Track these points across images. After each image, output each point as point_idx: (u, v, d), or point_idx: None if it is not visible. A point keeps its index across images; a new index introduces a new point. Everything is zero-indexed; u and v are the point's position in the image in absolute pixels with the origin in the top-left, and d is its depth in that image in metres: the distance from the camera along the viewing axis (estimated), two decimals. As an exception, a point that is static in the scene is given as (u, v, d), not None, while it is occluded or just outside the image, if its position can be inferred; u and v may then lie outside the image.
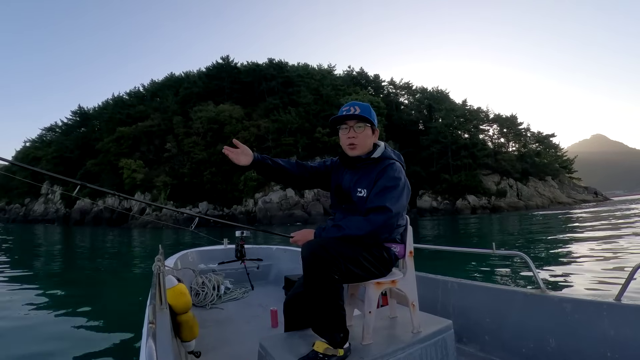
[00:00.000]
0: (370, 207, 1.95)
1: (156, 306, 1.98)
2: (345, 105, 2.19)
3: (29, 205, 69.19)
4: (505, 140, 69.56)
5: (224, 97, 65.86)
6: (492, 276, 7.79)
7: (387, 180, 2.01)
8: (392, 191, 1.97)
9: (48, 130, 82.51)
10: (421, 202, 53.31)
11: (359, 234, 1.89)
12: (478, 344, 2.76)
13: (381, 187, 1.99)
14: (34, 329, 5.26)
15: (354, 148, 2.13)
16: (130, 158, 55.23)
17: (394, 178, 2.02)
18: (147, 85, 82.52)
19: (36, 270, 11.52)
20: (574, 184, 70.05)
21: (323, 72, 74.71)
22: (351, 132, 2.12)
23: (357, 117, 2.11)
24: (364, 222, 1.90)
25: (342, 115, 2.13)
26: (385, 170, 2.05)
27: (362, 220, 1.91)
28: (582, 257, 9.73)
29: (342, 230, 1.91)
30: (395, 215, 1.94)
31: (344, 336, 1.83)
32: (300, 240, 2.03)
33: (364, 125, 2.13)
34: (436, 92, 76.11)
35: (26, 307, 6.46)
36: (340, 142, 2.22)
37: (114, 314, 6.17)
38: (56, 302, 6.99)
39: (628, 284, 2.14)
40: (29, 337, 4.93)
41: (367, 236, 1.90)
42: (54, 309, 6.39)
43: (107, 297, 7.81)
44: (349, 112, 2.12)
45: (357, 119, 2.12)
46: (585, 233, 16.03)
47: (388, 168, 2.06)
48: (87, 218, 53.08)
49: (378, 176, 2.04)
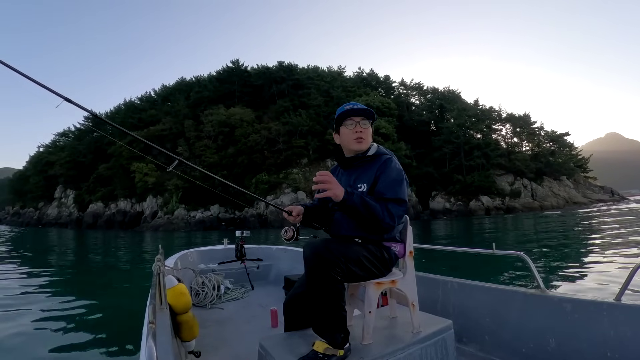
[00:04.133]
0: (387, 197, 1.97)
1: (156, 306, 2.00)
2: (345, 104, 2.24)
3: (42, 209, 70.56)
4: (519, 140, 68.62)
5: (234, 100, 66.32)
6: (492, 276, 7.76)
7: (394, 173, 2.05)
8: (401, 185, 2.03)
9: (61, 135, 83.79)
10: (434, 204, 52.75)
11: (381, 218, 1.91)
12: (478, 344, 2.76)
13: (391, 179, 2.03)
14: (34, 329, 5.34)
15: (361, 142, 2.17)
16: (142, 162, 55.73)
17: (399, 171, 2.07)
18: (158, 89, 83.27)
19: (44, 269, 11.69)
20: (589, 184, 68.89)
21: (333, 74, 74.90)
22: (358, 127, 2.16)
23: (363, 112, 2.17)
24: (385, 211, 1.92)
25: (350, 110, 2.18)
26: (388, 164, 2.09)
27: (384, 208, 1.92)
28: (585, 257, 9.73)
29: (370, 206, 1.89)
30: (407, 207, 2.03)
31: (344, 337, 1.84)
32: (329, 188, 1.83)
33: (368, 122, 2.20)
34: (447, 92, 75.68)
35: (27, 307, 6.56)
36: (341, 140, 2.26)
37: (114, 314, 6.22)
38: (57, 302, 7.08)
39: (628, 284, 2.14)
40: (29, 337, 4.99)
41: (385, 223, 1.93)
42: (55, 308, 6.47)
43: (108, 297, 7.88)
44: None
45: (363, 115, 2.18)
46: (596, 233, 15.86)
47: (389, 162, 2.10)
48: (99, 221, 53.94)
49: (381, 169, 2.07)
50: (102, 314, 6.27)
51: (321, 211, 2.32)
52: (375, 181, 2.05)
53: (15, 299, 7.42)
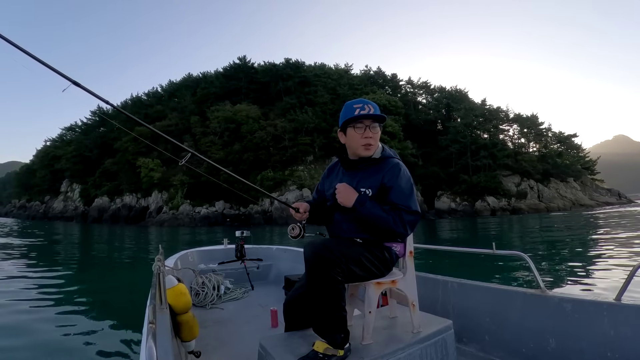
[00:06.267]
0: (403, 207, 1.94)
1: (156, 306, 1.98)
2: (356, 102, 2.13)
3: (48, 203, 71.23)
4: (526, 141, 68.33)
5: (241, 97, 66.51)
6: (492, 276, 7.74)
7: (405, 182, 2.01)
8: (412, 194, 2.00)
9: (68, 129, 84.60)
10: (439, 204, 52.64)
11: (395, 229, 1.92)
12: (478, 344, 2.76)
13: (403, 189, 1.99)
14: (34, 329, 5.33)
15: (369, 148, 2.08)
16: (148, 157, 55.96)
17: (409, 179, 2.03)
18: (165, 85, 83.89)
19: (47, 265, 11.73)
20: (596, 186, 68.38)
21: (340, 71, 74.80)
22: (367, 132, 2.06)
23: (375, 116, 2.07)
24: (399, 220, 1.91)
25: (361, 115, 2.06)
26: (397, 171, 2.02)
27: (398, 218, 1.91)
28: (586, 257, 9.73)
29: (383, 217, 1.91)
30: (419, 217, 2.01)
31: (344, 337, 1.83)
32: (343, 197, 1.98)
33: (378, 125, 2.10)
34: (455, 91, 75.48)
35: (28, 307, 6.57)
36: (346, 141, 2.17)
37: (114, 314, 6.23)
38: (57, 303, 7.09)
39: (628, 284, 2.13)
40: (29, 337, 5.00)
41: (398, 233, 1.95)
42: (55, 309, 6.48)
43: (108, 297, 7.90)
44: (364, 110, 2.06)
45: (374, 119, 2.07)
46: (598, 234, 15.79)
47: (398, 169, 2.03)
48: (105, 216, 54.33)
49: (389, 176, 2.01)
50: (102, 314, 6.27)
51: (323, 208, 2.29)
52: (383, 187, 2.00)
53: (13, 294, 7.45)
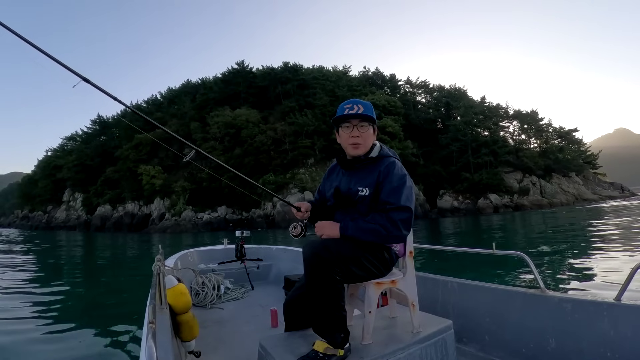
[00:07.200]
0: (390, 206, 1.92)
1: (156, 306, 1.99)
2: (346, 102, 2.15)
3: (51, 213, 71.48)
4: (527, 137, 68.05)
5: (240, 101, 66.50)
6: (492, 276, 7.72)
7: (397, 179, 1.99)
8: (404, 191, 1.96)
9: (69, 139, 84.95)
10: (442, 202, 52.48)
11: (386, 233, 1.89)
12: (478, 344, 2.76)
13: (394, 185, 1.97)
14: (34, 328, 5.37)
15: (357, 147, 2.10)
16: (149, 164, 56.02)
17: (402, 176, 2.01)
18: (164, 92, 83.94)
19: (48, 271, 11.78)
20: (599, 180, 68.23)
21: (338, 73, 74.87)
22: (355, 131, 2.09)
23: (361, 116, 2.08)
24: (390, 224, 1.89)
25: (346, 115, 2.09)
26: (390, 168, 2.02)
27: (387, 221, 1.89)
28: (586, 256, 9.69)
29: (368, 229, 1.90)
30: (413, 213, 1.95)
31: (344, 337, 1.83)
32: (325, 233, 2.01)
33: (367, 124, 2.10)
34: (454, 89, 75.33)
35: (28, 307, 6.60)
36: (340, 141, 2.19)
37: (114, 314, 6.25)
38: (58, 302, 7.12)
39: (628, 284, 2.12)
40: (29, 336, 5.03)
41: (393, 236, 1.91)
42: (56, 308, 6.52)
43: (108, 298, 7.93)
44: (352, 110, 2.08)
45: (360, 118, 2.09)
46: (599, 231, 15.73)
47: (392, 166, 2.04)
48: (107, 224, 54.39)
49: (384, 174, 2.01)
50: (102, 314, 6.30)
51: (324, 208, 2.30)
52: (378, 187, 2.01)
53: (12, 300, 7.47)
